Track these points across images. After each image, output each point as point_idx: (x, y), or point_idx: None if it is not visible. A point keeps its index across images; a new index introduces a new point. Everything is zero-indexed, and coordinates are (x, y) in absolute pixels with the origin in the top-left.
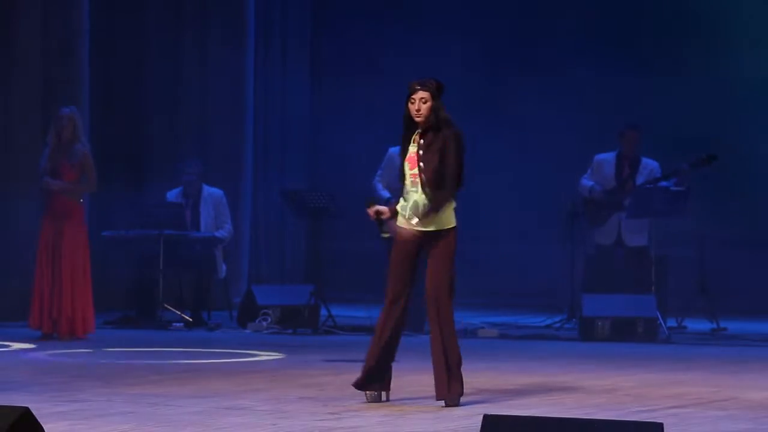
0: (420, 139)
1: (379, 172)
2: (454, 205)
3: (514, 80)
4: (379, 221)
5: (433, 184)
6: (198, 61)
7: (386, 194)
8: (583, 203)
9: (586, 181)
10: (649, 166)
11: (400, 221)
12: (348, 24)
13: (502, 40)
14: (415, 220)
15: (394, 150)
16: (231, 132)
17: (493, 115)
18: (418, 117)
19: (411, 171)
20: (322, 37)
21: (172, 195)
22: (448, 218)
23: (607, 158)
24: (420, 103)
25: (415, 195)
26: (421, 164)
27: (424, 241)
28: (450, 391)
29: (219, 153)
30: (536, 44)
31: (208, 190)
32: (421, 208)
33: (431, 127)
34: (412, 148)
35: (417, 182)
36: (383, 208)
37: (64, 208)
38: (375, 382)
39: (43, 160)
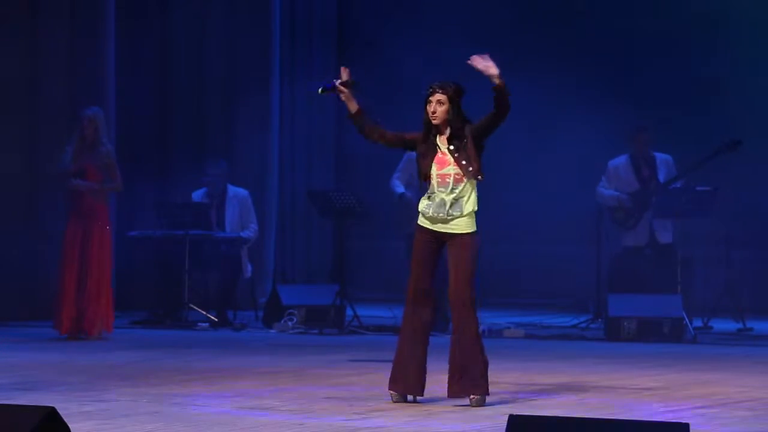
0: (448, 144)
1: (397, 173)
2: (476, 208)
3: (539, 81)
4: (332, 87)
5: (479, 171)
6: (224, 61)
7: (401, 189)
8: (610, 212)
9: (608, 191)
10: (664, 159)
11: (422, 221)
12: (374, 27)
13: (525, 43)
14: (438, 224)
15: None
16: (257, 132)
17: (518, 116)
18: (434, 119)
19: (440, 171)
20: (348, 38)
21: (198, 195)
22: (469, 223)
23: (620, 162)
24: (436, 106)
25: (442, 194)
26: (464, 162)
27: (444, 242)
28: (474, 392)
29: (245, 153)
30: (560, 47)
31: (233, 190)
32: (448, 207)
33: (453, 132)
34: (444, 150)
35: (447, 182)
36: (346, 87)
37: (91, 209)
38: (411, 384)
39: (64, 160)
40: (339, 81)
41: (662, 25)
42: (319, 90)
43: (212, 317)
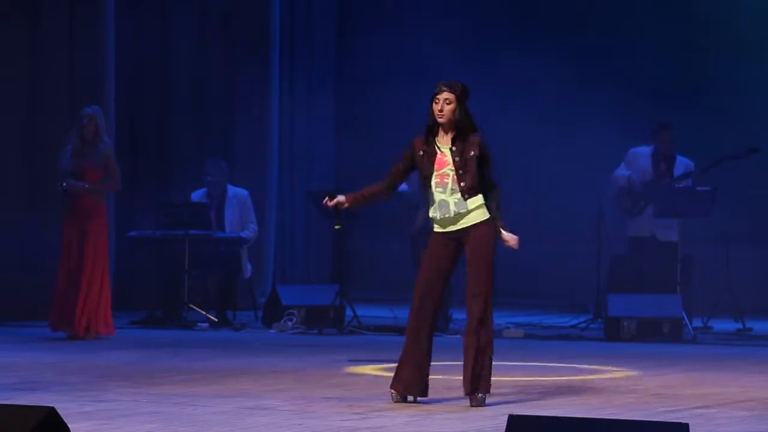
0: (452, 145)
1: None
2: (481, 201)
3: (541, 81)
4: (337, 212)
5: (473, 191)
6: (224, 62)
7: (403, 188)
8: (619, 194)
9: (623, 171)
10: (684, 162)
11: (435, 227)
12: (373, 31)
13: (525, 47)
14: (449, 226)
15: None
16: (257, 132)
17: (519, 115)
18: (440, 117)
19: (438, 172)
20: (346, 39)
21: (197, 195)
22: (480, 212)
23: (642, 151)
24: (443, 104)
25: (442, 195)
26: (461, 171)
27: (460, 244)
28: (478, 391)
29: (244, 153)
30: (568, 46)
31: (233, 190)
32: (452, 209)
33: (458, 133)
34: (444, 150)
35: (446, 183)
36: (342, 198)
37: (89, 208)
38: (415, 385)
39: (64, 160)
40: (333, 211)
41: (681, 22)
42: (336, 227)
43: (212, 317)
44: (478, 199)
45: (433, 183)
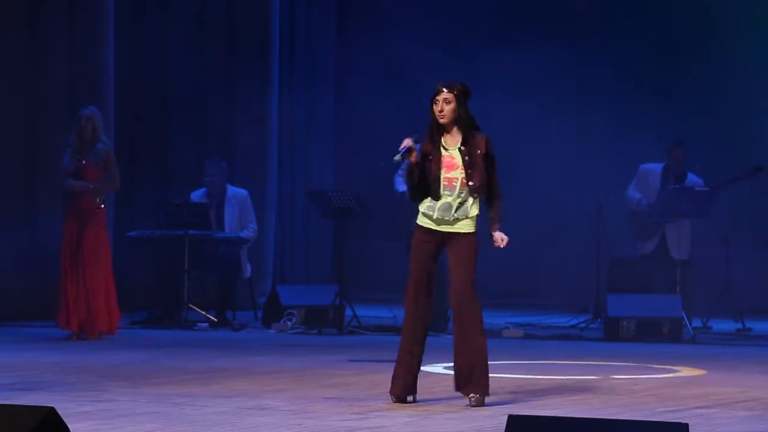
0: (460, 145)
1: (400, 170)
2: (478, 212)
3: (536, 79)
4: (409, 151)
5: (481, 190)
6: (224, 62)
7: (403, 188)
8: (629, 216)
9: (634, 193)
10: (694, 181)
11: (424, 221)
12: (372, 31)
13: (525, 47)
14: (443, 225)
15: (416, 148)
16: (257, 132)
17: (519, 115)
18: (441, 118)
19: (447, 174)
20: (346, 39)
21: (197, 195)
22: (472, 224)
23: (653, 169)
24: (443, 104)
25: (449, 198)
26: (469, 171)
27: (444, 242)
28: (475, 392)
29: (244, 153)
30: (562, 53)
31: (232, 190)
32: (454, 211)
33: (464, 132)
34: (451, 152)
35: (454, 186)
36: (416, 153)
37: (88, 208)
38: (409, 383)
39: (64, 161)
40: (406, 147)
41: (681, 22)
42: (397, 157)
43: (212, 317)
44: (477, 207)
45: (441, 185)
